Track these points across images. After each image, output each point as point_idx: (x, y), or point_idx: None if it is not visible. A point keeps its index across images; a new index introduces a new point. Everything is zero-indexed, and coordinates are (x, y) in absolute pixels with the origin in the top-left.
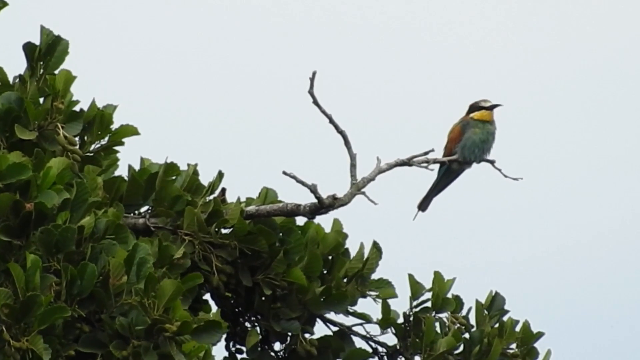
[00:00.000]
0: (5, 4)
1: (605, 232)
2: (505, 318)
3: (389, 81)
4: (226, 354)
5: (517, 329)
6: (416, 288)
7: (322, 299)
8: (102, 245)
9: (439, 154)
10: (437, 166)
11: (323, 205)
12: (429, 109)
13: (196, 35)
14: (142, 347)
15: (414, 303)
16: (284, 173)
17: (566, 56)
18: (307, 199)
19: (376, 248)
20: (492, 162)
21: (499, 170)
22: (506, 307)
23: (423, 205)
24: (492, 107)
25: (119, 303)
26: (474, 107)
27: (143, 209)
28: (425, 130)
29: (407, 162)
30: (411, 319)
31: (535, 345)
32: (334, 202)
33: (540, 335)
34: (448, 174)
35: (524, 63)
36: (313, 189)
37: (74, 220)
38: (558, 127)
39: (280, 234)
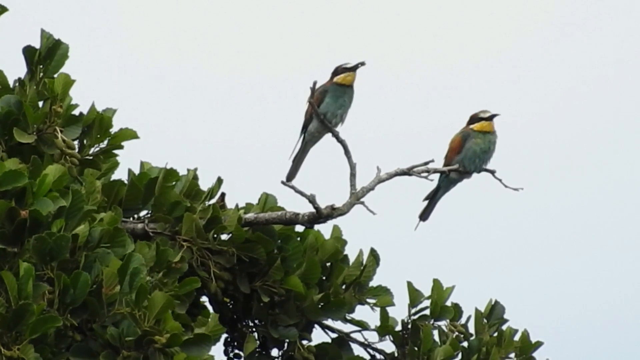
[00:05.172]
0: (5, 9)
1: (610, 238)
2: (504, 327)
3: (390, 90)
4: (224, 359)
5: (516, 338)
6: (415, 295)
7: (320, 306)
8: (96, 254)
9: (439, 164)
10: (436, 176)
11: (321, 215)
12: (430, 119)
13: (196, 39)
14: (132, 358)
15: (413, 310)
16: (283, 183)
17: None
18: (306, 206)
19: (373, 256)
20: (492, 172)
21: (500, 180)
22: (505, 316)
23: (424, 215)
24: (491, 117)
25: (111, 313)
26: (474, 119)
27: (142, 213)
28: (426, 140)
29: (407, 172)
30: (409, 326)
31: (534, 354)
32: (333, 213)
33: (538, 344)
34: (447, 183)
35: (525, 71)
36: (311, 200)
37: (68, 229)
38: (560, 135)
39: (279, 241)
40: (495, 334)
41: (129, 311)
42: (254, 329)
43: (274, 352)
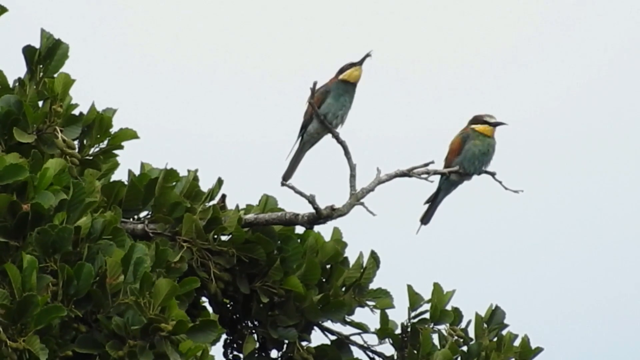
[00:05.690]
0: (5, 10)
1: (611, 240)
2: (504, 332)
3: (390, 91)
4: None
5: (516, 343)
6: (415, 299)
7: (319, 307)
8: (99, 245)
9: (439, 166)
10: (437, 178)
11: (321, 216)
12: (430, 119)
13: (196, 39)
14: (138, 347)
15: (412, 314)
16: (283, 184)
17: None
18: (307, 207)
19: (373, 258)
20: (492, 174)
21: (500, 182)
22: (506, 320)
23: (425, 219)
24: (496, 125)
25: (116, 303)
26: (478, 120)
27: (142, 214)
28: (426, 141)
29: (407, 173)
30: (409, 329)
31: None
32: (332, 213)
33: (539, 350)
34: (448, 185)
35: (525, 71)
36: (311, 200)
37: (70, 221)
38: (559, 136)
39: (279, 242)
40: (495, 339)
41: (134, 300)
42: (253, 330)
43: (274, 353)
